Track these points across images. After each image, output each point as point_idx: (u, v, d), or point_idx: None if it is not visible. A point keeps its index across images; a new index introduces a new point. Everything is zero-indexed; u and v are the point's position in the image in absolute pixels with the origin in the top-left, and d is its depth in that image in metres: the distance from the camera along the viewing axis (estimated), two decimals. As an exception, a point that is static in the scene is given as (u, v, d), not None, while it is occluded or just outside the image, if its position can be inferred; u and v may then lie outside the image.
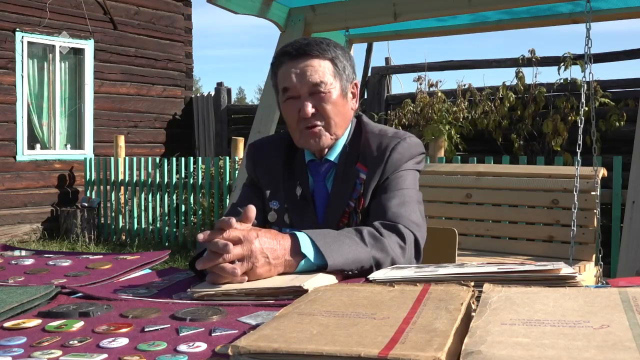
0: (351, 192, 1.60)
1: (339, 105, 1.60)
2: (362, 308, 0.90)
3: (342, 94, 1.62)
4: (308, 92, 1.57)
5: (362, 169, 1.61)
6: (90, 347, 0.88)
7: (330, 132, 1.61)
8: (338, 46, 1.63)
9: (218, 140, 9.88)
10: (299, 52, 1.58)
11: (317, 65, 1.57)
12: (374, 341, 0.74)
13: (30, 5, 8.22)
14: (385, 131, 1.66)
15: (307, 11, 4.21)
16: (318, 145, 1.61)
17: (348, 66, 1.63)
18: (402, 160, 1.60)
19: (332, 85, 1.58)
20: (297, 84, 1.57)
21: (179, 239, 7.72)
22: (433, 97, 7.13)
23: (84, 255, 1.60)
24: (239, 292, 1.15)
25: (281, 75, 1.61)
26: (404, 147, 1.61)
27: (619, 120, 6.25)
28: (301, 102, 1.57)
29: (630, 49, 6.71)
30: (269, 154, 1.73)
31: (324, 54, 1.58)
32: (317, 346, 0.72)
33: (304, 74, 1.56)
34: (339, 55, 1.61)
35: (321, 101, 1.57)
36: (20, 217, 8.30)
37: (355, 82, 1.69)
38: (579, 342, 0.70)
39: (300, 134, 1.61)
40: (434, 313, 0.85)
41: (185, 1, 10.03)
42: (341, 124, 1.62)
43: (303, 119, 1.58)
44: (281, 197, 1.67)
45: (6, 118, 8.13)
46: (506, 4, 3.72)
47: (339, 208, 1.61)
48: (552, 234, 4.30)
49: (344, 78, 1.62)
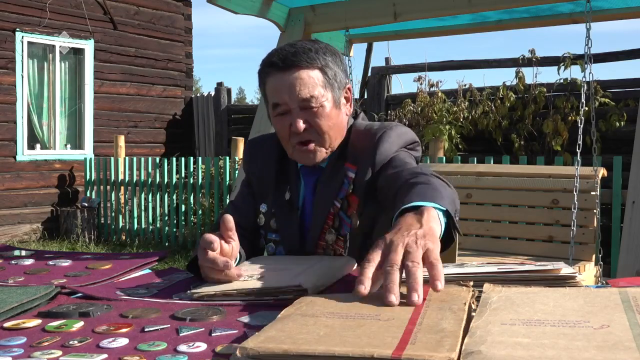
0: (337, 192, 1.54)
1: (332, 118, 1.52)
2: (365, 309, 0.89)
3: (335, 104, 1.54)
4: (299, 107, 1.49)
5: (350, 168, 1.54)
6: (90, 347, 0.88)
7: (325, 146, 1.54)
8: (327, 50, 1.54)
9: (218, 140, 9.88)
10: (286, 64, 1.49)
11: (307, 78, 1.48)
12: (384, 342, 0.74)
13: (30, 5, 8.22)
14: (371, 125, 1.59)
15: (307, 11, 4.21)
16: (313, 161, 1.55)
17: (339, 72, 1.55)
18: (392, 148, 1.52)
19: (323, 97, 1.50)
20: (286, 100, 1.49)
21: (179, 239, 7.72)
22: (433, 97, 7.13)
23: (84, 255, 1.60)
24: (239, 292, 1.14)
25: (269, 89, 1.53)
26: (391, 136, 1.53)
27: (619, 120, 6.25)
28: (292, 117, 1.50)
29: (630, 49, 6.71)
30: (263, 154, 1.68)
31: (312, 64, 1.49)
32: (327, 347, 0.72)
33: (293, 88, 1.48)
34: (328, 63, 1.52)
35: (314, 116, 1.50)
36: (20, 217, 8.30)
37: (348, 86, 1.60)
38: (579, 342, 0.70)
39: (293, 150, 1.55)
40: (439, 313, 0.85)
41: (185, 1, 10.03)
42: (336, 136, 1.56)
43: (295, 134, 1.51)
44: (269, 201, 1.63)
45: (6, 118, 8.13)
46: (506, 4, 3.72)
47: (323, 210, 1.55)
48: (552, 234, 4.30)
49: (335, 87, 1.53)
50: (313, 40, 1.57)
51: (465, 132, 6.93)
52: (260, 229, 1.64)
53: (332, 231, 1.55)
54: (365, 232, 1.54)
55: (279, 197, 1.61)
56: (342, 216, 1.54)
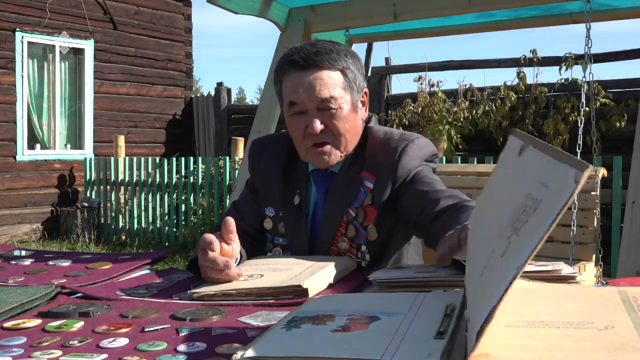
0: (352, 201, 1.51)
1: (350, 120, 1.50)
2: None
3: (353, 107, 1.51)
4: (316, 108, 1.47)
5: (368, 177, 1.51)
6: (90, 347, 0.88)
7: (341, 149, 1.51)
8: (349, 53, 1.52)
9: (218, 140, 9.88)
10: (307, 63, 1.46)
11: (327, 78, 1.46)
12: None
13: (30, 5, 8.22)
14: (391, 134, 1.55)
15: (307, 11, 4.21)
16: (327, 163, 1.52)
17: (359, 75, 1.52)
18: (413, 163, 1.50)
19: (342, 99, 1.48)
20: (304, 99, 1.46)
21: (179, 239, 7.72)
22: (434, 97, 7.13)
23: (84, 255, 1.60)
24: (239, 292, 1.14)
25: (287, 87, 1.50)
26: (413, 150, 1.51)
27: (620, 120, 6.25)
28: (309, 118, 1.47)
29: (631, 49, 6.71)
30: (269, 155, 1.64)
31: (334, 65, 1.47)
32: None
33: (312, 88, 1.45)
34: (349, 65, 1.50)
35: (331, 118, 1.47)
36: (20, 217, 8.29)
37: (365, 90, 1.57)
38: (586, 344, 0.70)
39: (307, 151, 1.52)
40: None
41: (185, 1, 10.03)
42: (352, 139, 1.53)
43: (310, 135, 1.48)
44: (277, 205, 1.59)
45: (6, 118, 8.12)
46: (506, 4, 3.72)
47: (336, 218, 1.51)
48: (552, 234, 4.28)
49: (354, 90, 1.51)
50: (333, 42, 1.54)
51: (465, 132, 6.93)
52: (267, 233, 1.61)
53: (345, 239, 1.51)
54: (381, 243, 1.52)
55: (288, 201, 1.58)
56: (357, 226, 1.51)
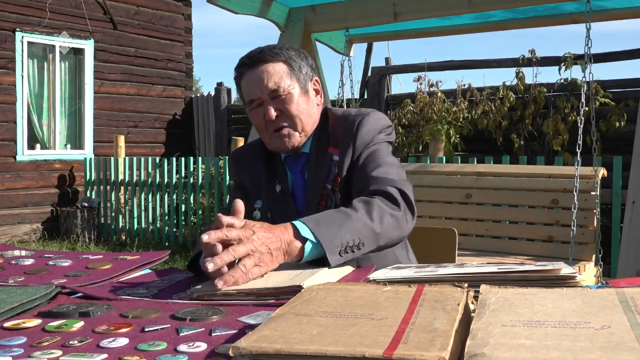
0: (327, 176, 1.66)
1: (301, 104, 1.66)
2: (358, 308, 0.90)
3: (303, 92, 1.67)
4: (270, 97, 1.63)
5: (334, 152, 1.68)
6: (90, 347, 0.88)
7: (298, 130, 1.67)
8: (291, 48, 1.70)
9: (218, 140, 9.88)
10: (253, 61, 1.64)
11: (272, 70, 1.63)
12: (376, 341, 0.74)
13: (30, 5, 8.22)
14: (349, 111, 1.73)
15: (307, 11, 4.21)
16: (288, 145, 1.67)
17: (304, 65, 1.69)
18: (370, 134, 1.66)
19: (290, 86, 1.64)
20: (258, 92, 1.64)
21: (179, 239, 7.72)
22: (433, 97, 7.13)
23: (84, 255, 1.60)
24: (239, 292, 1.14)
25: (244, 88, 1.68)
26: (369, 121, 1.66)
27: (619, 120, 6.25)
28: (265, 107, 1.64)
29: (631, 49, 6.71)
30: (249, 158, 1.80)
31: (276, 57, 1.65)
32: (320, 347, 0.72)
33: (261, 80, 1.63)
34: (292, 56, 1.67)
35: (283, 103, 1.64)
36: (20, 217, 8.30)
37: (316, 78, 1.73)
38: (582, 343, 0.70)
39: (270, 138, 1.68)
40: (432, 313, 0.85)
41: (185, 1, 10.03)
42: (307, 121, 1.68)
43: (270, 122, 1.64)
44: (264, 196, 1.74)
45: (6, 118, 8.13)
46: (506, 4, 3.73)
47: (316, 193, 1.67)
48: (552, 234, 4.30)
49: (301, 77, 1.67)
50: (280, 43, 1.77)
51: (464, 132, 6.93)
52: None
53: None
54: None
55: (271, 191, 1.74)
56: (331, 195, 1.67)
